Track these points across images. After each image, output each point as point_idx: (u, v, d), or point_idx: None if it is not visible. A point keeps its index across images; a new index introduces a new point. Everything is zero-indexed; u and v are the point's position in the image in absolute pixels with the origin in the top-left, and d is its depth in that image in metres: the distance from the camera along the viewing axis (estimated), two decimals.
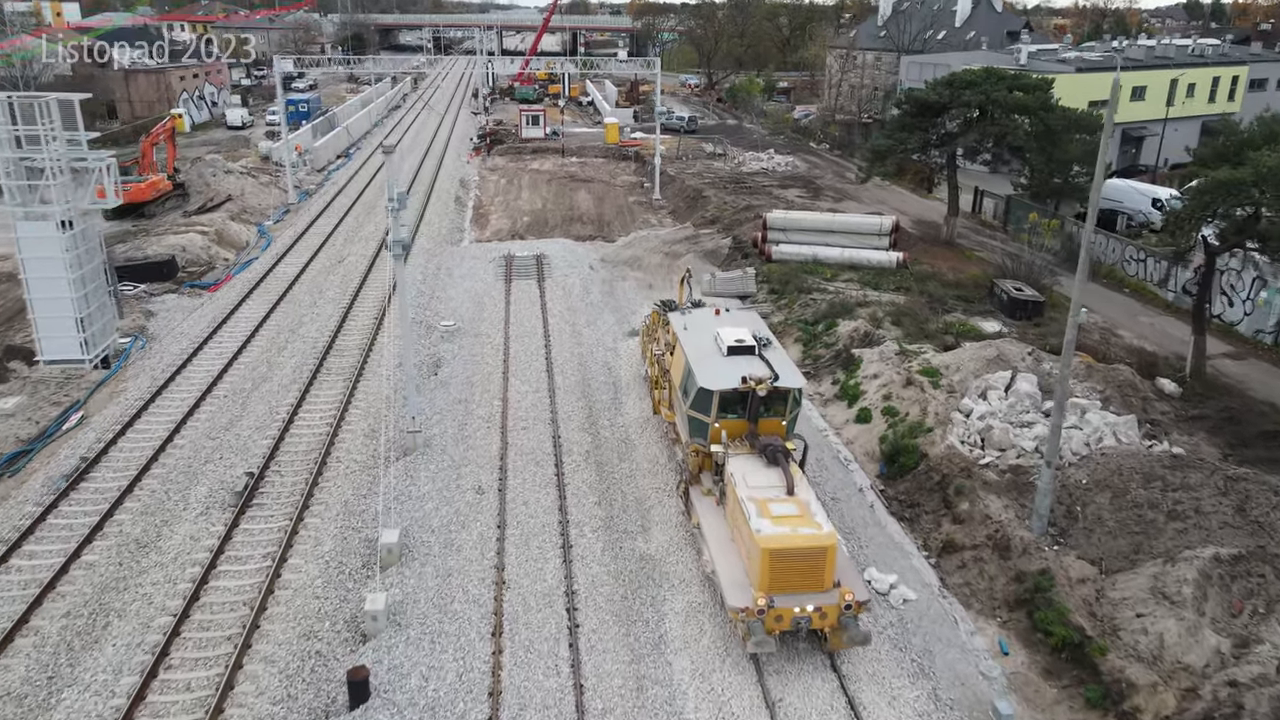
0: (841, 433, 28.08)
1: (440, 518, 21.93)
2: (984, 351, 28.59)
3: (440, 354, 32.53)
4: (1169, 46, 70.74)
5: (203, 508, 22.06)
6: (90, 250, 30.01)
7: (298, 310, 36.54)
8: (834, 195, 58.93)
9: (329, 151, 73.83)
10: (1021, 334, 33.27)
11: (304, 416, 27.04)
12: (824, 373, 31.99)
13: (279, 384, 29.37)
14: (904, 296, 37.39)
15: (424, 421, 26.60)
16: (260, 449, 24.92)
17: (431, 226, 50.82)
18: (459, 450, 25.29)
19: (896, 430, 26.33)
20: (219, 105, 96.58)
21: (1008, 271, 38.78)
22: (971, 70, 44.32)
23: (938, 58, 75.47)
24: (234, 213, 52.69)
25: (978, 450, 24.37)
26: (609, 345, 33.43)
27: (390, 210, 22.91)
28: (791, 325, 35.67)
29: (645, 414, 27.49)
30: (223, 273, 42.48)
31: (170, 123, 55.70)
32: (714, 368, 20.25)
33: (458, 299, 38.57)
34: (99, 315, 30.35)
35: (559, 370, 30.79)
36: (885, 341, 31.94)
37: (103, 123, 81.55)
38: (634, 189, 64.04)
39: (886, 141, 45.22)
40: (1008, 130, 42.04)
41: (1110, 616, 17.95)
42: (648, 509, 22.51)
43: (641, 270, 43.39)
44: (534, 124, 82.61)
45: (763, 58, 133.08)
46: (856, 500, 24.08)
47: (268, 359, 31.47)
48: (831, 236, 42.82)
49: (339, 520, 21.71)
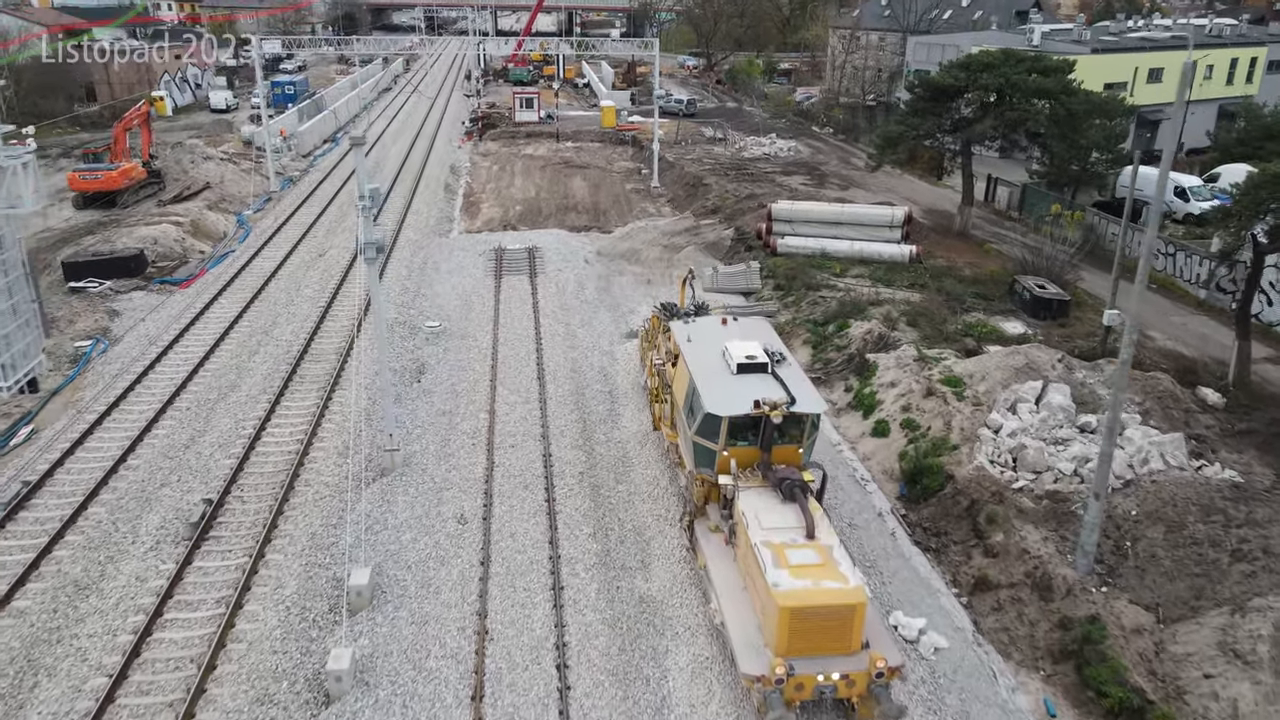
0: (857, 447, 25.90)
1: (417, 551, 19.76)
2: (1011, 359, 26.36)
3: (424, 359, 30.27)
4: (1186, 27, 68.21)
5: (153, 541, 19.85)
6: (7, 262, 26.76)
7: (273, 309, 34.21)
8: (840, 183, 56.52)
9: (315, 136, 71.17)
10: (1046, 336, 31.08)
11: (272, 432, 24.80)
12: (836, 379, 29.77)
13: (247, 394, 27.11)
14: (919, 294, 35.15)
15: (404, 437, 24.41)
16: (222, 470, 22.69)
17: (419, 216, 48.40)
18: (441, 470, 23.08)
19: (918, 447, 24.14)
20: (204, 87, 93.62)
21: (1028, 266, 36.48)
22: (988, 52, 41.86)
23: (946, 38, 72.89)
24: (212, 202, 50.28)
25: (1010, 472, 22.19)
26: (605, 349, 31.18)
27: (361, 210, 20.60)
28: (799, 325, 33.42)
29: (644, 428, 25.29)
30: (196, 267, 40.11)
31: (145, 106, 53.16)
32: (722, 389, 18.03)
33: (444, 296, 36.27)
34: (19, 335, 27.03)
35: (551, 377, 28.55)
36: (902, 345, 29.72)
37: (81, 105, 78.80)
38: (631, 175, 61.57)
39: (898, 127, 42.80)
40: (1028, 115, 39.62)
41: (1174, 676, 15.85)
42: (647, 540, 20.35)
43: (640, 264, 41.07)
44: (528, 107, 79.91)
45: (762, 38, 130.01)
46: (876, 527, 21.93)
47: (237, 365, 29.19)
48: (840, 229, 40.48)
49: (304, 556, 19.52)
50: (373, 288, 22.58)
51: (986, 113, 41.41)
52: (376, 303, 23.00)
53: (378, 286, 22.76)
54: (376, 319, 23.02)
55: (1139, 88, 64.13)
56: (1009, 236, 44.54)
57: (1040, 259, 36.40)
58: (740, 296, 37.54)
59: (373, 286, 22.60)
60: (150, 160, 52.61)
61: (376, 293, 22.93)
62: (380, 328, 22.90)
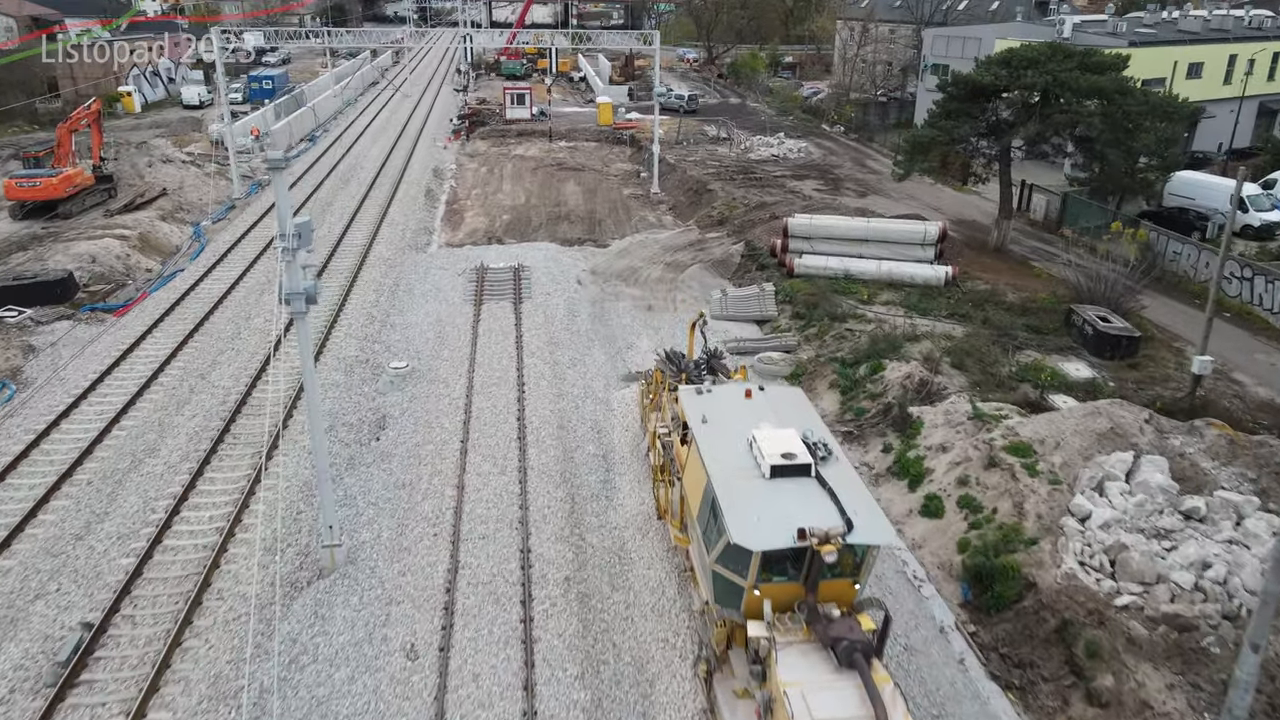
0: (905, 529, 21.27)
1: (352, 701, 15.16)
2: (1091, 422, 21.75)
3: (386, 409, 25.66)
4: (1226, 18, 63.47)
5: (5, 691, 15.23)
6: None
7: (214, 345, 29.53)
8: (856, 188, 51.84)
9: (291, 135, 66.33)
10: (1118, 382, 26.53)
11: (187, 516, 20.15)
12: (871, 434, 25.15)
13: (166, 461, 22.44)
14: (960, 326, 30.56)
15: (352, 519, 19.89)
16: (115, 575, 18.05)
17: (394, 228, 43.66)
18: (392, 573, 18.47)
19: (984, 537, 19.55)
20: (178, 81, 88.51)
21: (1083, 293, 31.87)
22: (1031, 45, 37.14)
23: (966, 30, 68.06)
24: (167, 211, 45.55)
25: (1109, 580, 17.58)
26: (599, 395, 26.56)
27: (282, 255, 15.92)
28: (824, 365, 28.80)
29: (645, 507, 20.71)
30: (137, 290, 35.42)
31: (96, 104, 48.27)
32: (752, 507, 13.39)
33: (416, 327, 31.62)
34: None
35: (534, 437, 23.91)
36: (949, 395, 25.13)
37: (43, 101, 73.83)
38: (629, 179, 56.81)
39: (930, 131, 38.05)
40: (1079, 118, 34.92)
41: None
42: (650, 679, 15.76)
43: (638, 286, 36.39)
44: (519, 103, 75.02)
45: (765, 30, 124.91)
46: (939, 649, 17.37)
47: (160, 419, 24.52)
48: (866, 246, 35.83)
49: (202, 712, 14.91)
50: (304, 347, 17.68)
51: (1030, 115, 36.71)
52: (310, 389, 17.96)
53: (311, 366, 17.76)
54: (309, 398, 17.99)
55: (1178, 83, 59.38)
56: (1049, 252, 39.93)
57: (1098, 284, 31.76)
58: (753, 325, 32.97)
59: (303, 342, 17.70)
60: (100, 164, 47.81)
61: (310, 375, 17.85)
62: (311, 402, 18.02)
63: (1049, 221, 44.46)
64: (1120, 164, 35.70)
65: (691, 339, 23.05)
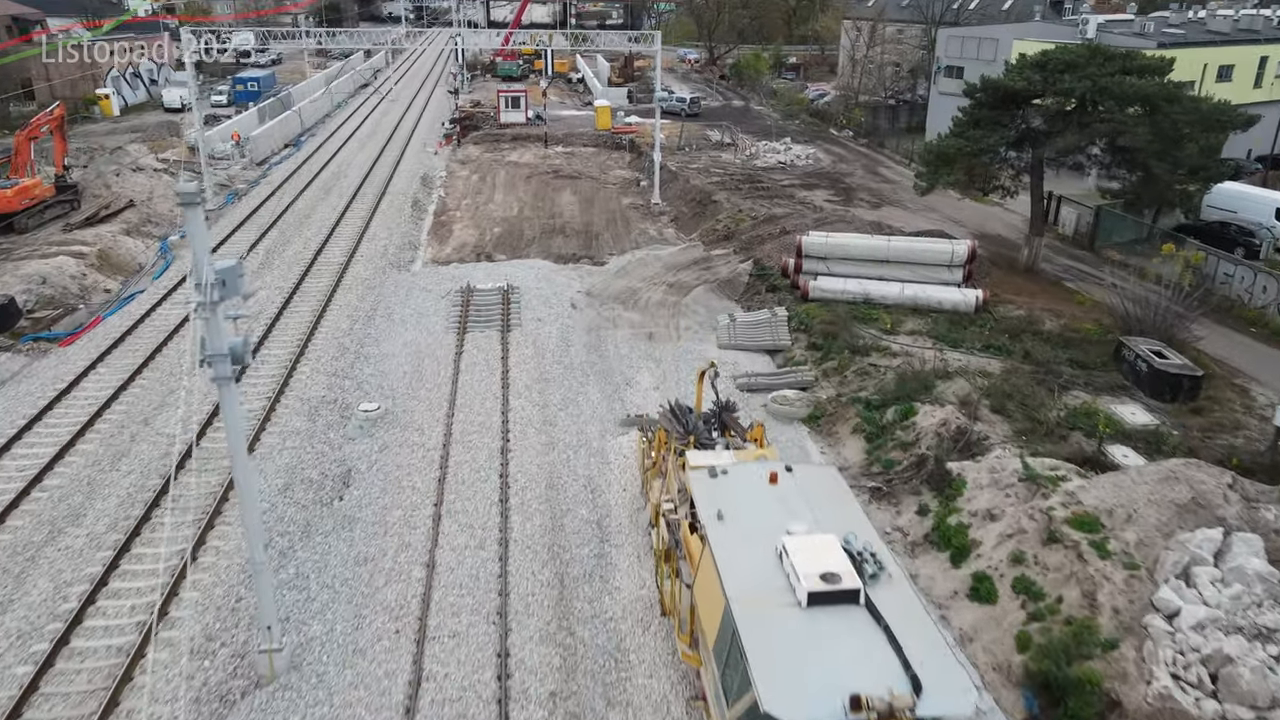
0: (948, 614, 18.15)
1: None
2: (1169, 490, 18.60)
3: (352, 462, 22.56)
4: (1256, 18, 60.36)
5: None
6: None
7: (164, 382, 26.44)
8: (870, 199, 48.77)
9: (273, 140, 63.22)
10: (1183, 430, 23.43)
11: (104, 606, 17.03)
12: (903, 491, 22.02)
13: (90, 530, 19.34)
14: (997, 359, 27.48)
15: (302, 604, 16.85)
16: (5, 691, 14.94)
17: (375, 243, 40.55)
18: (342, 683, 15.36)
19: (1049, 633, 16.43)
20: (160, 83, 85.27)
21: (1130, 321, 28.77)
22: (1068, 47, 34.08)
23: (982, 30, 64.97)
24: (133, 224, 42.46)
25: (1210, 702, 14.47)
26: (593, 445, 23.44)
27: (196, 310, 12.79)
28: (846, 406, 25.68)
29: (646, 592, 17.62)
30: (89, 315, 32.31)
31: (59, 110, 45.19)
32: (787, 656, 10.27)
33: (393, 358, 28.54)
34: None
35: (518, 500, 20.79)
36: (993, 448, 22.03)
37: (17, 105, 70.69)
38: (628, 187, 53.68)
39: (956, 142, 34.86)
40: (1123, 127, 31.78)
41: None
42: None
43: (638, 310, 33.26)
44: (514, 107, 71.89)
45: (768, 30, 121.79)
46: None
47: (91, 477, 21.40)
48: (887, 268, 32.72)
49: None
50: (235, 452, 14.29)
51: (1067, 123, 33.59)
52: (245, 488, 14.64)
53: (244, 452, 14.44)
54: (241, 487, 14.76)
55: (1207, 86, 56.27)
56: (1083, 271, 36.86)
57: (1147, 311, 28.65)
58: (764, 356, 29.90)
59: (234, 446, 14.32)
60: (64, 173, 44.74)
61: (243, 466, 14.48)
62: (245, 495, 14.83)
63: (1080, 237, 41.39)
64: (1165, 176, 32.56)
65: (700, 390, 19.96)
